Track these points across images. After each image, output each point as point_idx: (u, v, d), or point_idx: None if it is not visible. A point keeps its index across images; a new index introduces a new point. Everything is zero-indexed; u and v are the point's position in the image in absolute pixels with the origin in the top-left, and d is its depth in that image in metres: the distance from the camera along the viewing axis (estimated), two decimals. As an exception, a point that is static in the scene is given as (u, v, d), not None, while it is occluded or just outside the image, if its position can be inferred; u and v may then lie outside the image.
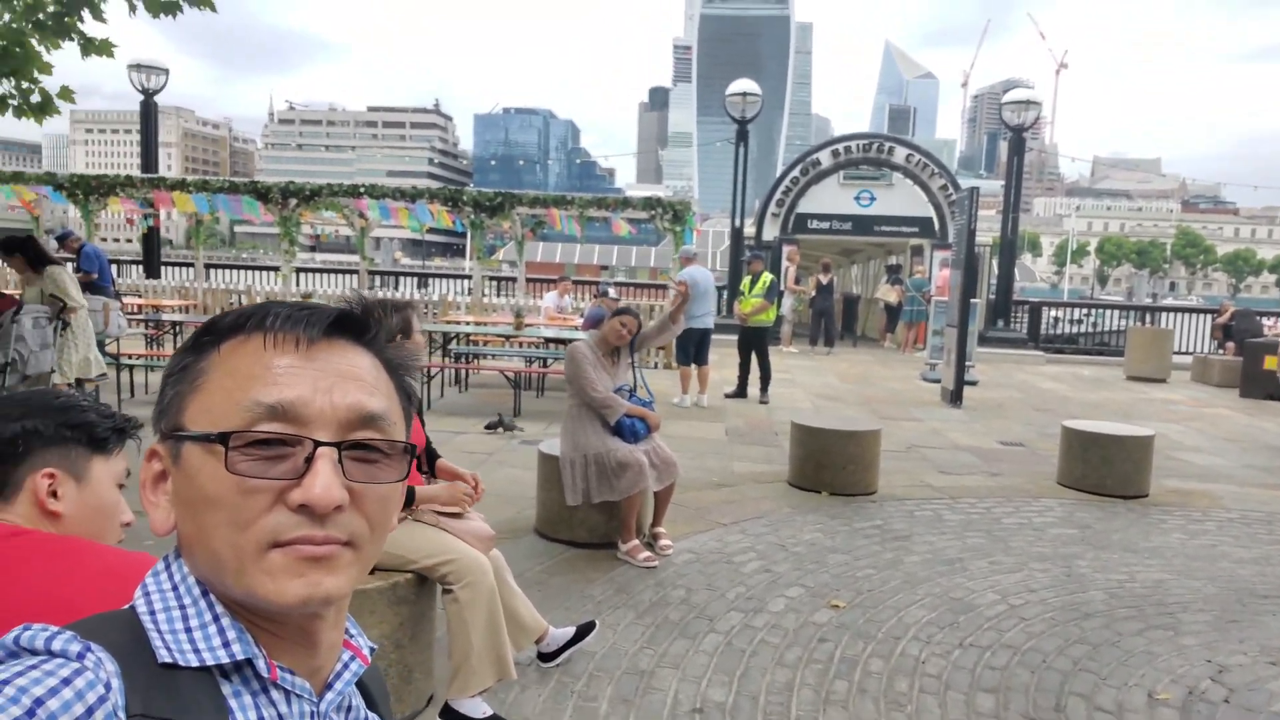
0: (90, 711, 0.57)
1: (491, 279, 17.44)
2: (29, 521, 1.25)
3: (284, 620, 0.70)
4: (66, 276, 6.51)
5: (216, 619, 0.68)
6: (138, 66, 16.22)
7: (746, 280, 10.38)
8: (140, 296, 13.41)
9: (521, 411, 8.64)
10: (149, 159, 16.42)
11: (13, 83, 6.67)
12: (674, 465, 4.68)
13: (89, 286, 9.57)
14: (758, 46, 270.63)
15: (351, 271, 16.74)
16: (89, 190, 14.59)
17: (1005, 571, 4.68)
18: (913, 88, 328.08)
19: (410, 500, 2.85)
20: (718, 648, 3.62)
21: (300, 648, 0.72)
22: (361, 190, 14.27)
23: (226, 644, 0.67)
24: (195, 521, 0.68)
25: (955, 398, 10.35)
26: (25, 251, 6.24)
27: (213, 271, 17.00)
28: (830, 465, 6.08)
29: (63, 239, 10.29)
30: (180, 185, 14.70)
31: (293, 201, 14.30)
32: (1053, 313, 19.78)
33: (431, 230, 15.49)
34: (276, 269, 15.97)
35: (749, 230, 18.61)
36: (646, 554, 4.51)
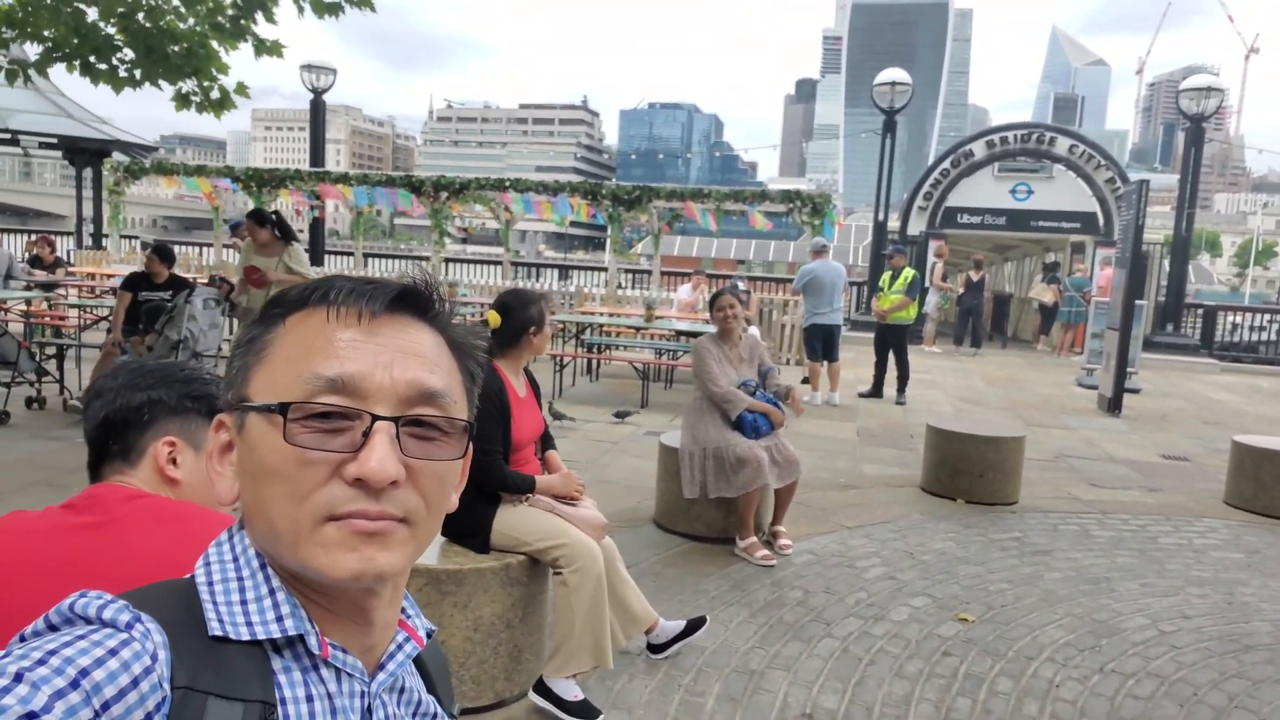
0: (135, 682, 0.58)
1: (628, 272, 17.64)
2: (150, 486, 1.33)
3: (338, 595, 0.70)
4: (303, 253, 7.07)
5: (272, 593, 0.68)
6: (308, 67, 17.34)
7: (886, 275, 10.03)
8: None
9: (649, 403, 8.68)
10: (317, 154, 17.55)
11: (195, 81, 7.26)
12: (796, 463, 4.57)
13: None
14: (912, 35, 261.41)
15: (495, 263, 17.33)
16: (261, 183, 15.74)
17: (1157, 595, 4.31)
18: (1081, 75, 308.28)
19: (531, 488, 2.90)
20: (833, 653, 3.51)
21: (354, 624, 0.72)
22: (507, 184, 14.73)
23: (280, 618, 0.67)
24: (255, 492, 0.68)
25: (1114, 406, 9.65)
26: (276, 224, 6.82)
27: (370, 260, 17.98)
28: (967, 471, 5.78)
29: (235, 228, 11.12)
30: (343, 179, 15.64)
31: (443, 195, 14.93)
32: (1231, 318, 18.08)
33: (574, 224, 15.86)
34: (427, 258, 16.72)
35: (893, 224, 18.00)
36: (764, 552, 4.42)
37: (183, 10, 6.90)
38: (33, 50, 7.03)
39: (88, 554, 1.19)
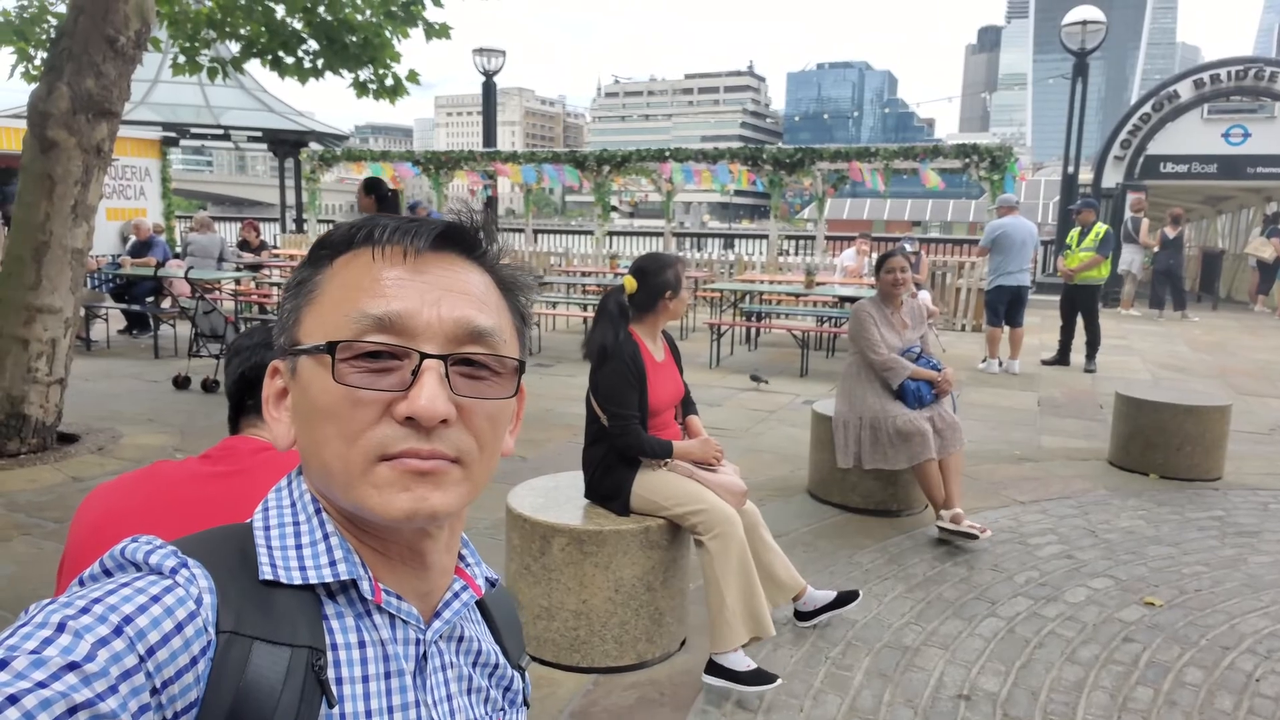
0: (180, 627, 0.58)
1: (793, 238, 17.26)
2: None
3: (392, 537, 0.69)
4: None
5: (326, 537, 0.68)
6: (480, 50, 18.00)
7: (1074, 232, 9.24)
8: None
9: (808, 371, 8.47)
10: (489, 134, 18.25)
11: (370, 70, 7.70)
12: (959, 430, 4.29)
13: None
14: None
15: (658, 234, 17.43)
16: (439, 165, 16.55)
17: (1393, 586, 3.76)
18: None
19: (668, 453, 2.89)
20: (997, 633, 3.30)
21: (408, 568, 0.71)
22: (666, 154, 14.73)
23: (333, 562, 0.67)
24: (309, 434, 0.68)
25: (1347, 372, 8.49)
26: (378, 192, 7.07)
27: (540, 236, 18.56)
28: (1162, 444, 5.27)
29: (413, 207, 11.76)
30: (512, 158, 16.18)
31: (605, 168, 15.14)
32: None
33: (738, 192, 15.78)
34: (591, 233, 17.06)
35: (1086, 177, 16.58)
36: (971, 522, 4.07)
37: (359, 2, 7.32)
38: (231, 49, 7.69)
39: (219, 501, 1.27)
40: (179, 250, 11.61)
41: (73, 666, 0.52)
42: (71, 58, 4.83)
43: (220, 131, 19.10)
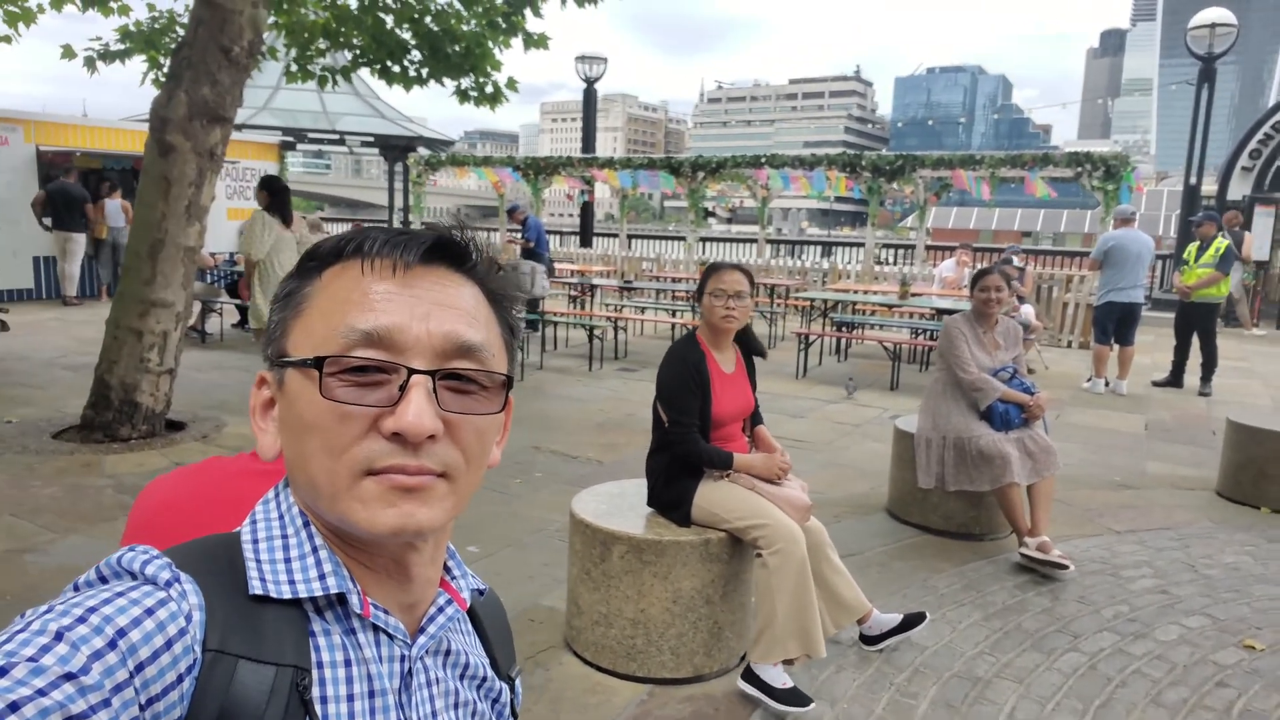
0: (169, 644, 0.58)
1: (891, 247, 16.86)
2: None
3: (378, 550, 0.70)
4: (254, 225, 6.55)
5: (315, 550, 0.69)
6: (582, 58, 18.27)
7: (1193, 247, 8.70)
8: (572, 263, 15.21)
9: (899, 385, 8.25)
10: (589, 140, 18.49)
11: (472, 78, 7.93)
12: (1053, 454, 4.10)
13: (527, 253, 11.11)
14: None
15: (752, 240, 17.31)
16: (538, 170, 16.87)
17: None
18: None
19: (727, 465, 2.86)
20: (1077, 669, 3.13)
21: (393, 581, 0.72)
22: (762, 160, 14.61)
23: (322, 576, 0.68)
24: (295, 447, 0.69)
25: None
26: (271, 188, 6.56)
27: (634, 241, 18.68)
28: (1276, 476, 4.91)
29: (511, 211, 12.02)
30: (609, 163, 16.35)
31: (700, 174, 15.12)
32: None
33: (838, 199, 15.42)
34: (684, 239, 17.07)
35: (1210, 189, 15.62)
36: (1059, 552, 3.88)
37: (463, 13, 7.55)
38: (344, 57, 8.04)
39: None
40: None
41: (69, 677, 0.53)
42: (190, 66, 5.13)
43: (335, 136, 19.97)
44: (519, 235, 11.46)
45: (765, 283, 11.82)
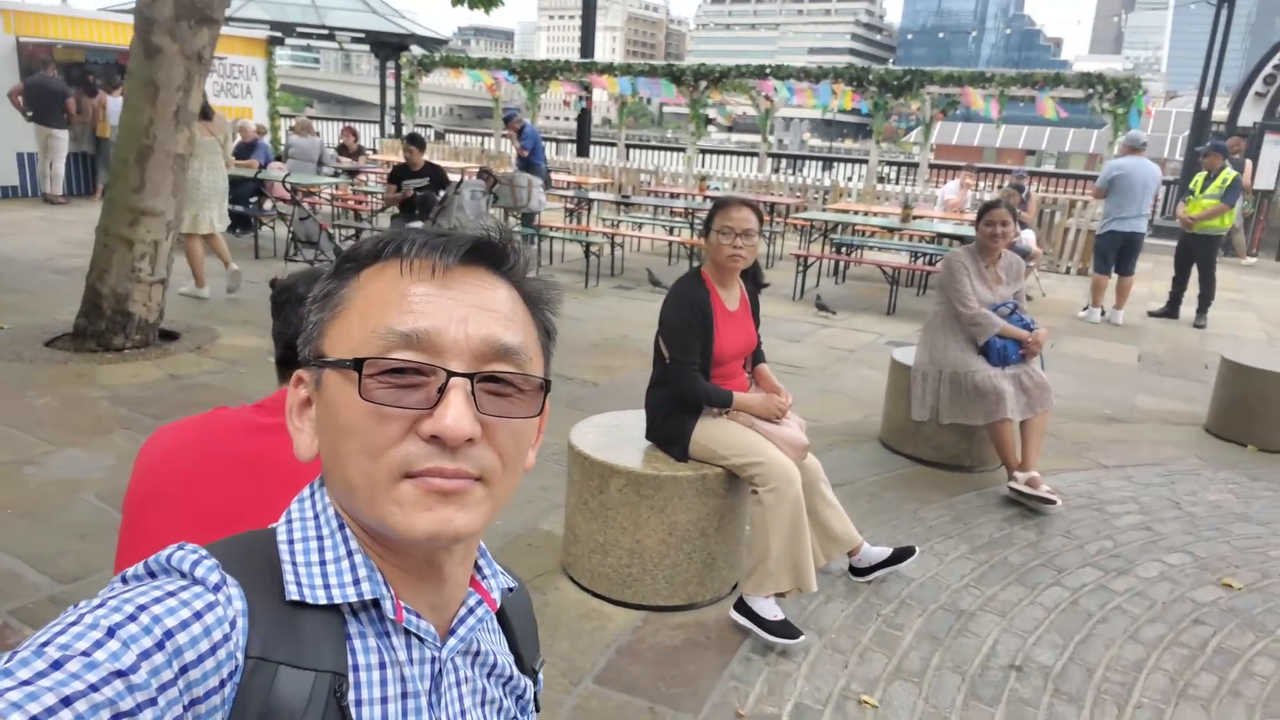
0: (214, 649, 0.59)
1: (895, 164, 16.58)
2: None
3: (411, 553, 0.70)
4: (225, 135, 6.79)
5: (350, 554, 0.69)
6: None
7: (1200, 177, 8.59)
8: (569, 174, 14.93)
9: (896, 309, 8.23)
10: (587, 43, 17.90)
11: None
12: (1048, 391, 4.12)
13: (524, 163, 10.88)
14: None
15: (753, 154, 16.97)
16: (535, 74, 16.39)
17: None
18: None
19: (727, 403, 2.86)
20: (1059, 604, 3.22)
21: (425, 583, 0.72)
22: (767, 71, 14.21)
23: (357, 581, 0.68)
24: (332, 448, 0.69)
25: None
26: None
27: (632, 151, 18.31)
28: (1265, 416, 4.97)
29: (508, 119, 11.71)
30: (608, 69, 15.88)
31: (702, 83, 14.72)
32: None
33: (842, 110, 15.03)
34: (684, 150, 16.72)
35: (1221, 113, 15.31)
36: (1049, 487, 3.95)
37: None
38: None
39: (270, 456, 1.31)
40: (281, 152, 11.91)
41: (120, 674, 0.54)
42: (174, -37, 4.89)
43: (325, 32, 19.28)
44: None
45: (766, 200, 11.65)
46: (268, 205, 10.17)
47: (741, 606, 2.82)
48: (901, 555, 3.23)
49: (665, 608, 2.95)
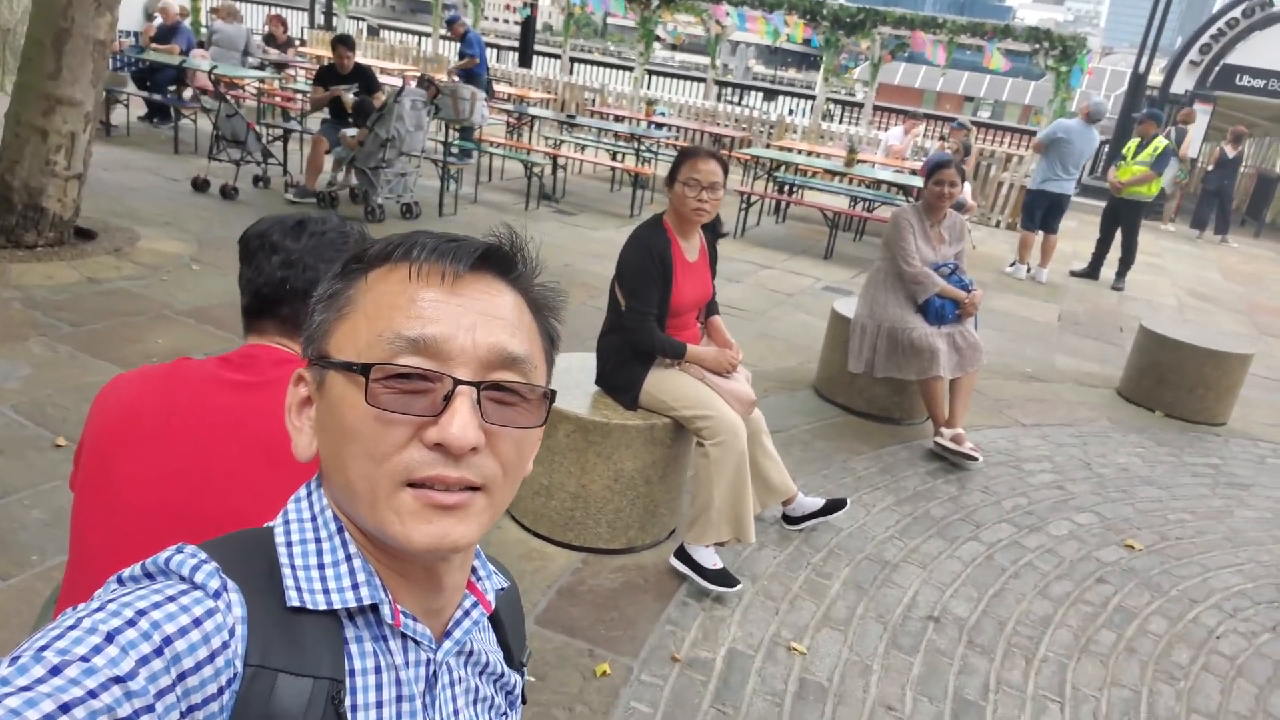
0: (212, 657, 0.59)
1: (838, 103, 16.52)
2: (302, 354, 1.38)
3: (410, 560, 0.70)
4: None
5: (349, 558, 0.69)
6: None
7: (1132, 144, 8.81)
8: (511, 84, 14.43)
9: (833, 254, 8.33)
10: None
11: None
12: (979, 352, 4.25)
13: (467, 74, 10.45)
14: None
15: (700, 79, 16.66)
16: (479, -25, 15.61)
17: (1370, 561, 3.84)
18: None
19: (679, 355, 2.87)
20: (975, 558, 3.39)
21: (422, 588, 0.72)
22: (722, -5, 13.87)
23: (355, 585, 0.68)
24: (334, 450, 0.68)
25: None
26: None
27: (576, 66, 17.76)
28: (1174, 383, 5.24)
29: (451, 22, 11.18)
30: (557, -24, 15.24)
31: (654, 1, 14.30)
32: None
33: (791, 40, 14.81)
34: (631, 69, 16.31)
35: (1155, 79, 15.67)
36: (972, 443, 4.10)
37: None
38: None
39: (238, 413, 1.26)
40: (203, 38, 11.14)
41: (118, 680, 0.53)
42: None
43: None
44: (469, 56, 10.70)
45: (710, 132, 11.51)
46: (188, 95, 9.57)
47: (682, 554, 2.88)
48: (833, 507, 3.34)
49: (606, 550, 3.00)
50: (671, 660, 2.56)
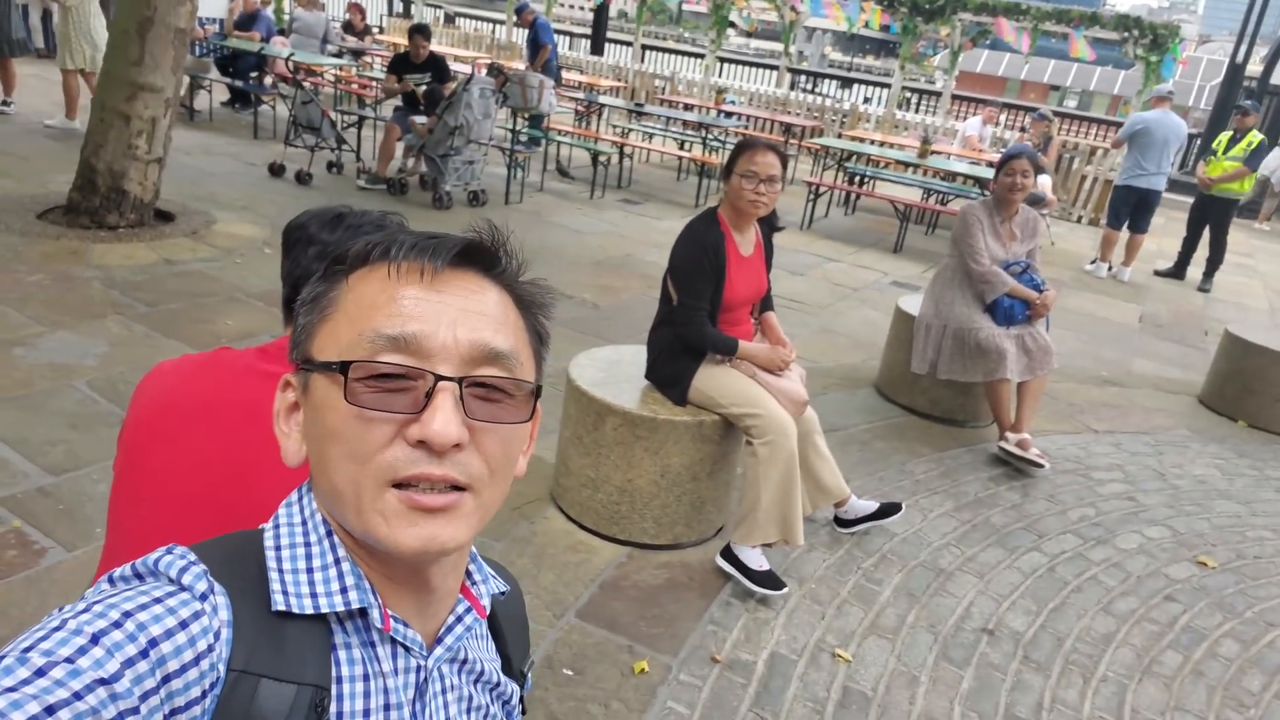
0: (197, 660, 0.59)
1: (915, 92, 16.10)
2: None
3: (399, 564, 0.69)
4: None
5: (338, 562, 0.68)
6: None
7: (1224, 137, 8.36)
8: (581, 72, 14.45)
9: (903, 248, 8.12)
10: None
11: None
12: (1050, 355, 4.09)
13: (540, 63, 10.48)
14: None
15: (772, 67, 16.42)
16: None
17: None
18: None
19: (731, 351, 2.82)
20: (1036, 570, 3.27)
21: (412, 593, 0.71)
22: (796, -20, 13.63)
23: (344, 589, 0.67)
24: (319, 453, 0.68)
25: None
26: None
27: (648, 54, 17.68)
28: (1259, 392, 4.97)
29: (520, 10, 11.23)
30: (631, -37, 15.18)
31: (729, -13, 14.14)
32: None
33: (869, 27, 14.49)
34: (703, 56, 16.17)
35: (1254, 68, 14.86)
36: (1039, 450, 3.95)
37: None
38: None
39: (270, 404, 1.27)
40: (284, 25, 11.43)
41: (103, 682, 0.53)
42: None
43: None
44: (532, 38, 10.73)
45: (782, 120, 11.34)
46: (268, 82, 9.84)
47: (728, 554, 2.85)
48: (888, 511, 3.26)
49: (651, 546, 2.98)
50: (711, 661, 2.53)
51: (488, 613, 0.80)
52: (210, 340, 4.03)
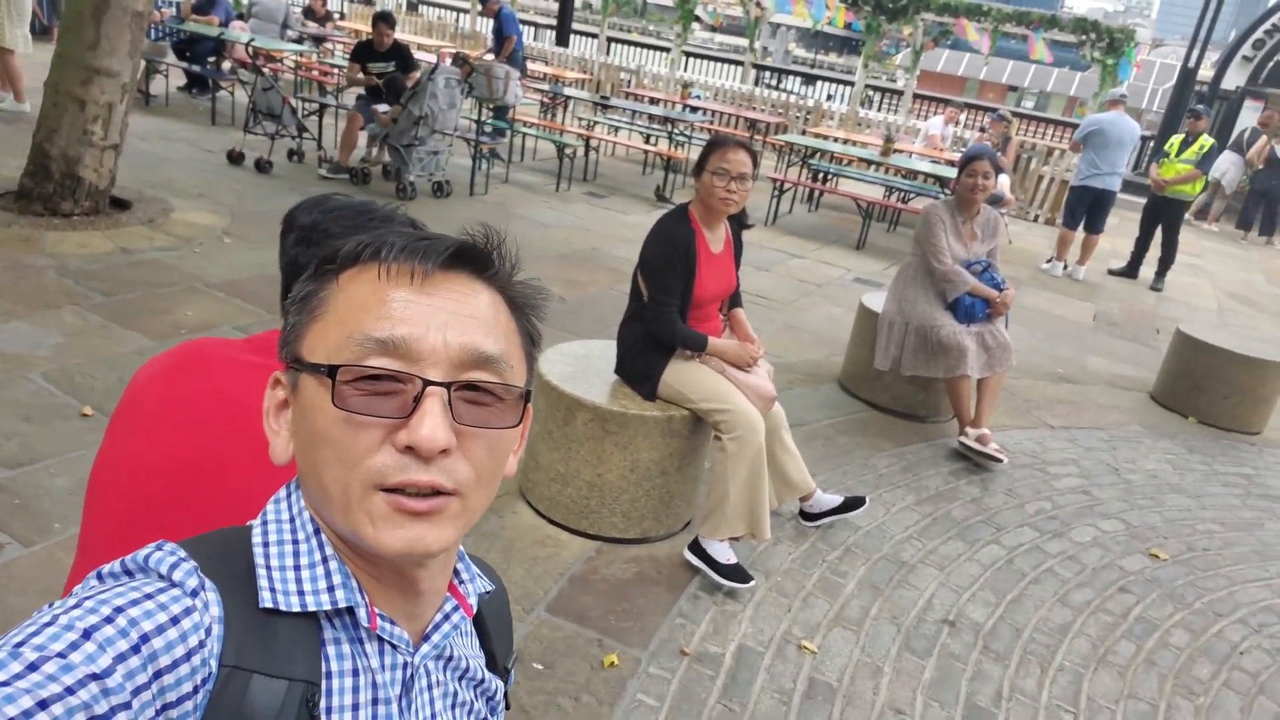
0: (188, 655, 0.59)
1: (878, 90, 16.27)
2: None
3: (386, 565, 0.69)
4: None
5: (325, 560, 0.69)
6: None
7: (1176, 140, 8.58)
8: (546, 63, 14.36)
9: (865, 244, 8.22)
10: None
11: None
12: (1009, 352, 4.17)
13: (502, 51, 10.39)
14: None
15: (738, 63, 16.48)
16: (519, -48, 15.51)
17: (1406, 581, 3.73)
18: None
19: (701, 347, 2.84)
20: (995, 562, 3.35)
21: (399, 592, 0.72)
22: (762, -23, 13.69)
23: (331, 588, 0.68)
24: (307, 455, 0.68)
25: None
26: None
27: (614, 45, 17.64)
28: (1208, 389, 5.12)
29: (486, 1, 11.11)
30: (596, -46, 15.11)
31: (694, -18, 14.15)
32: None
33: (833, 25, 14.61)
34: (669, 49, 16.18)
35: (1206, 73, 15.25)
36: (998, 445, 4.04)
37: None
38: None
39: (255, 393, 1.25)
40: (243, 10, 11.19)
41: (95, 677, 0.53)
42: None
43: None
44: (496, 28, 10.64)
45: (747, 116, 11.39)
46: (226, 66, 9.63)
47: (696, 548, 2.87)
48: (852, 504, 3.30)
49: (620, 540, 3.00)
50: (680, 654, 2.56)
51: (475, 612, 0.80)
52: (169, 331, 3.95)
